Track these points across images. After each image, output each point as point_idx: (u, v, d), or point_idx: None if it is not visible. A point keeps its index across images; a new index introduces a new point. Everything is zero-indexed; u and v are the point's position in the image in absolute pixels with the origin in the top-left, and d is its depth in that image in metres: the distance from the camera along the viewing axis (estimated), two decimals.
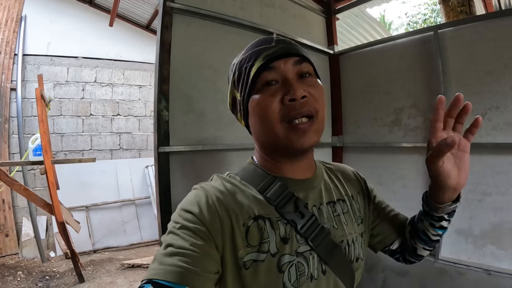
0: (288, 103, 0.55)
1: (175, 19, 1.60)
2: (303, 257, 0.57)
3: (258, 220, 0.56)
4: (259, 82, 0.57)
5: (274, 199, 0.59)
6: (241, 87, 0.60)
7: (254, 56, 0.59)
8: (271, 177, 0.62)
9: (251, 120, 0.60)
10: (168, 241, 0.51)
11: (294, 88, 0.55)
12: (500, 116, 1.70)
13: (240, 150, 1.77)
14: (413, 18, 9.29)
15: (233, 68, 0.63)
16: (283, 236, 0.57)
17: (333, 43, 2.38)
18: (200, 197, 0.56)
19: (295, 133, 0.55)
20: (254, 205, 0.58)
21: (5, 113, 4.12)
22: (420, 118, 1.97)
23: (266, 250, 0.55)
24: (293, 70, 0.57)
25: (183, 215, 0.54)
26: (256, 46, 0.60)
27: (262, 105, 0.56)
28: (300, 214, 0.59)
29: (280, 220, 0.58)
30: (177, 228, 0.52)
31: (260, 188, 0.60)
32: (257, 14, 1.94)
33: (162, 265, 0.48)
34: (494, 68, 1.71)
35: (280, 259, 0.55)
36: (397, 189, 2.07)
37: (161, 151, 1.52)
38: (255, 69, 0.57)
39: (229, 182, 0.61)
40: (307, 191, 0.64)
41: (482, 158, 1.74)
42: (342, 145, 2.36)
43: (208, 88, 1.71)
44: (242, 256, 0.53)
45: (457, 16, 2.26)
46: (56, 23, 4.58)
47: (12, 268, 3.58)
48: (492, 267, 1.68)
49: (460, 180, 0.57)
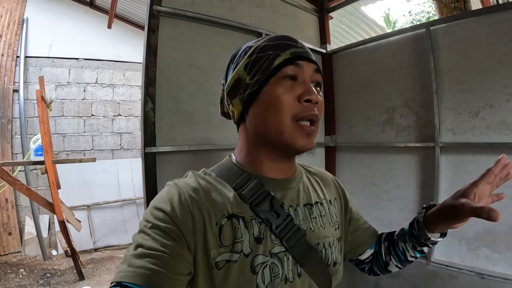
0: (303, 103, 0.56)
1: (162, 22, 1.60)
2: (277, 258, 0.56)
3: (231, 218, 0.55)
4: (280, 74, 0.57)
5: (249, 196, 0.58)
6: (256, 72, 0.58)
7: (280, 48, 0.58)
8: (247, 175, 0.61)
9: (258, 108, 0.59)
10: (139, 241, 0.51)
11: (312, 91, 0.56)
12: (493, 115, 1.66)
13: (228, 150, 1.77)
14: (417, 16, 9.14)
15: (248, 51, 0.61)
16: (257, 235, 0.56)
17: (326, 42, 2.36)
18: (172, 194, 0.55)
19: (301, 133, 0.56)
20: (228, 203, 0.57)
21: (8, 114, 4.19)
22: (412, 117, 1.94)
23: (239, 250, 0.54)
24: (312, 75, 0.59)
25: (154, 213, 0.53)
26: (282, 39, 0.60)
27: (278, 96, 0.56)
28: (275, 213, 0.58)
29: (254, 219, 0.57)
30: (148, 228, 0.52)
31: (236, 186, 0.59)
32: (246, 15, 1.93)
33: (131, 267, 0.48)
34: (487, 65, 1.67)
35: (254, 260, 0.54)
36: (389, 189, 2.05)
37: (147, 151, 1.53)
38: (281, 59, 0.57)
39: (203, 179, 0.60)
40: (284, 191, 0.63)
41: (475, 158, 1.70)
42: (335, 145, 2.34)
43: (196, 89, 1.71)
44: (215, 256, 0.52)
45: (451, 12, 2.21)
46: (58, 25, 4.64)
47: (14, 265, 3.65)
48: (485, 270, 1.64)
49: (462, 225, 0.60)
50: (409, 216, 1.88)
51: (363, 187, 2.16)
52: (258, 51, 0.60)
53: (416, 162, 1.92)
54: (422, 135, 1.89)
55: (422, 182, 1.90)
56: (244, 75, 0.60)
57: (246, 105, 0.60)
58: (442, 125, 1.80)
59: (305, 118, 0.56)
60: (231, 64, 0.65)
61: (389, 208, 2.03)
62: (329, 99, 2.33)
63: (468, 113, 1.74)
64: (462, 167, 1.75)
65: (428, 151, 1.85)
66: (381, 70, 2.08)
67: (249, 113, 0.61)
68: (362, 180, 2.17)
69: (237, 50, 0.66)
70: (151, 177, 1.55)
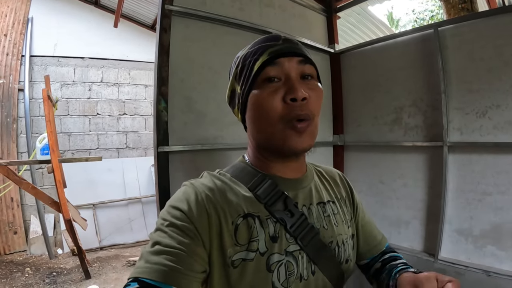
0: (289, 103, 0.54)
1: (174, 21, 1.62)
2: (292, 257, 0.57)
3: (247, 218, 0.56)
4: (261, 77, 0.56)
5: (263, 196, 0.59)
6: (243, 80, 0.59)
7: (259, 51, 0.58)
8: (261, 175, 0.62)
9: (249, 115, 0.60)
10: (156, 239, 0.52)
11: (295, 88, 0.54)
12: (500, 115, 1.67)
13: (240, 149, 1.78)
14: (420, 15, 9.15)
15: (236, 61, 0.63)
16: (273, 234, 0.56)
17: (334, 42, 2.37)
18: (189, 194, 0.56)
19: (291, 134, 0.55)
20: (243, 203, 0.58)
21: (13, 113, 4.20)
22: (420, 117, 1.95)
23: (255, 249, 0.54)
24: (297, 69, 0.57)
25: (172, 212, 0.54)
26: (263, 42, 0.60)
27: (262, 101, 0.56)
28: (289, 212, 0.59)
29: (269, 218, 0.58)
30: (165, 226, 0.53)
31: (250, 186, 0.60)
32: (256, 15, 1.95)
33: (148, 264, 0.49)
34: (494, 65, 1.68)
35: (269, 258, 0.55)
36: (397, 188, 2.07)
37: (160, 150, 1.55)
38: (259, 63, 0.57)
39: (219, 179, 0.61)
40: (296, 190, 0.64)
41: (482, 157, 1.72)
42: (343, 144, 2.36)
43: (208, 89, 1.72)
44: (231, 254, 0.53)
45: (458, 13, 2.23)
46: (63, 25, 4.65)
47: (20, 264, 3.67)
48: (492, 268, 1.65)
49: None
50: (416, 214, 1.94)
51: (371, 185, 2.19)
52: (242, 59, 0.61)
53: (424, 161, 1.94)
54: (430, 134, 1.91)
55: (429, 180, 1.92)
56: (236, 86, 0.62)
57: (242, 114, 0.62)
58: (449, 124, 1.82)
59: (294, 118, 0.55)
60: (229, 75, 0.66)
61: (397, 206, 2.05)
62: (337, 99, 2.35)
63: (476, 113, 1.76)
64: (469, 167, 1.77)
65: (435, 150, 1.87)
66: (389, 70, 2.09)
67: (246, 120, 0.62)
68: (370, 179, 2.19)
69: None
70: (164, 177, 1.56)
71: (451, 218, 1.82)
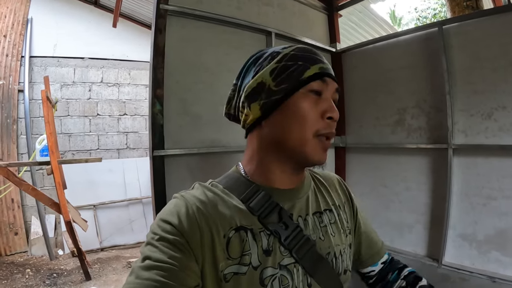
0: (326, 120, 0.57)
1: (169, 21, 1.58)
2: (287, 270, 0.56)
3: (239, 231, 0.55)
4: (308, 87, 0.57)
5: (257, 209, 0.57)
6: (284, 80, 0.57)
7: (310, 61, 0.59)
8: (255, 186, 0.60)
9: (282, 117, 0.58)
10: (146, 253, 0.51)
11: (335, 109, 0.58)
12: (506, 117, 1.63)
13: (237, 152, 1.75)
14: (423, 13, 9.05)
15: (276, 56, 0.60)
16: (266, 248, 0.55)
17: (335, 41, 2.32)
18: (180, 207, 0.55)
19: (320, 148, 0.58)
20: (236, 215, 0.56)
21: (13, 114, 4.20)
22: (424, 118, 1.91)
23: (248, 262, 0.54)
24: (333, 94, 0.61)
25: (162, 225, 0.53)
26: (311, 52, 0.61)
27: (305, 109, 0.57)
28: (284, 224, 0.58)
29: (263, 231, 0.57)
30: (155, 240, 0.52)
31: (243, 198, 0.59)
32: (254, 14, 1.90)
33: (138, 279, 0.48)
34: (500, 65, 1.63)
35: (263, 272, 0.54)
36: (400, 191, 2.02)
37: (155, 154, 1.52)
38: (311, 72, 0.57)
39: (210, 191, 0.59)
40: (292, 201, 0.62)
41: (487, 160, 1.68)
42: (345, 146, 2.31)
43: (204, 90, 1.68)
44: (223, 268, 0.52)
45: (463, 11, 2.17)
46: (62, 25, 4.64)
47: (21, 265, 3.67)
48: (496, 274, 1.61)
49: None
50: (420, 218, 1.89)
51: (374, 188, 2.14)
52: (287, 59, 0.59)
53: (428, 163, 1.89)
54: (434, 136, 1.86)
55: (433, 184, 1.88)
56: (268, 80, 0.58)
57: (266, 112, 0.59)
58: (454, 126, 1.77)
59: (326, 134, 0.58)
60: (252, 66, 0.63)
61: (399, 210, 2.01)
62: (339, 99, 2.24)
63: (481, 115, 1.71)
64: (475, 169, 1.72)
65: (440, 153, 1.82)
66: (392, 69, 2.05)
67: (268, 120, 0.59)
68: (373, 182, 2.15)
69: (260, 52, 0.64)
70: (160, 181, 1.53)
71: (455, 223, 1.78)
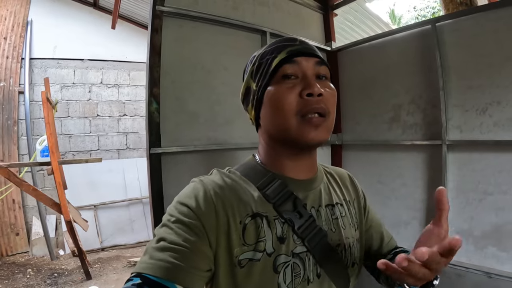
0: (305, 98, 0.56)
1: (165, 22, 1.59)
2: (299, 258, 0.57)
3: (255, 217, 0.56)
4: (278, 74, 0.58)
5: (272, 196, 0.58)
6: (259, 77, 0.61)
7: (277, 50, 0.60)
8: (271, 175, 0.61)
9: (264, 111, 0.60)
10: (161, 235, 0.51)
11: (312, 84, 0.56)
12: (501, 112, 1.63)
13: (234, 149, 1.76)
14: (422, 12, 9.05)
15: (253, 60, 0.64)
16: (280, 235, 0.56)
17: (331, 40, 2.34)
18: (198, 190, 0.56)
19: (308, 126, 0.55)
20: (252, 202, 0.57)
21: (14, 115, 4.24)
22: (419, 115, 1.91)
23: (262, 249, 0.54)
24: (313, 69, 0.59)
25: (179, 208, 0.54)
26: (280, 42, 0.62)
27: (279, 96, 0.57)
28: (298, 213, 0.59)
29: (277, 218, 0.57)
30: (171, 222, 0.52)
31: (260, 185, 0.60)
32: (250, 13, 1.91)
33: (152, 259, 0.48)
34: (495, 61, 1.63)
35: (276, 259, 0.55)
36: (396, 188, 2.03)
37: (152, 152, 1.53)
38: (277, 60, 0.58)
39: (228, 177, 0.61)
40: (306, 192, 0.63)
41: (483, 156, 1.68)
42: (341, 143, 2.32)
43: (201, 89, 1.70)
44: (238, 254, 0.53)
45: (457, 8, 2.17)
46: (62, 27, 4.66)
47: (22, 266, 3.70)
48: (493, 269, 1.61)
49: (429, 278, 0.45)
50: (416, 215, 1.90)
51: (370, 185, 2.15)
52: (260, 57, 0.62)
53: (423, 160, 1.90)
54: (429, 132, 1.87)
55: (429, 180, 1.88)
56: (251, 83, 0.63)
57: (256, 110, 0.62)
58: (449, 122, 1.77)
59: (310, 111, 0.56)
60: (244, 74, 0.67)
61: (396, 206, 2.01)
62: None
63: (476, 110, 1.71)
64: (470, 165, 1.72)
65: (435, 149, 1.83)
66: (387, 67, 2.05)
67: (260, 117, 0.62)
68: (369, 179, 2.15)
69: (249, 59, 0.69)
70: (157, 178, 1.55)
71: (451, 219, 1.77)
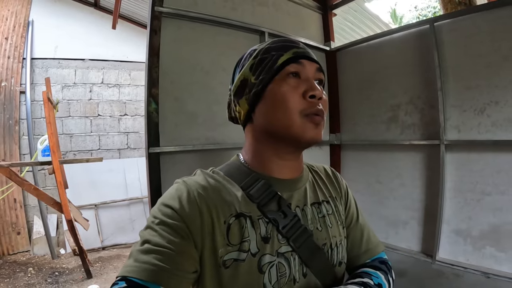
0: (308, 99, 0.57)
1: (164, 23, 1.61)
2: (284, 258, 0.56)
3: (239, 218, 0.56)
4: (284, 71, 0.59)
5: (256, 196, 0.58)
6: (261, 71, 0.60)
7: (283, 48, 0.61)
8: (255, 175, 0.61)
9: (264, 106, 0.60)
10: (146, 237, 0.51)
11: (316, 87, 0.58)
12: (499, 112, 1.63)
13: (231, 149, 1.77)
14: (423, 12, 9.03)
15: (253, 53, 0.64)
16: (264, 235, 0.56)
17: (329, 40, 2.34)
18: (181, 191, 0.56)
19: (310, 124, 0.57)
20: (236, 202, 0.57)
21: (15, 115, 4.25)
22: (417, 115, 1.92)
23: (247, 249, 0.54)
24: (314, 73, 0.61)
25: (163, 210, 0.54)
26: (285, 41, 0.63)
27: (284, 93, 0.58)
28: (282, 213, 0.59)
29: (261, 218, 0.57)
30: (155, 224, 0.52)
31: (243, 185, 0.60)
32: (249, 14, 1.92)
33: (137, 262, 0.48)
34: (492, 61, 1.64)
35: (261, 259, 0.54)
36: (395, 188, 2.03)
37: (151, 151, 1.54)
38: (284, 58, 0.59)
39: (212, 178, 0.61)
40: (291, 192, 0.63)
41: (481, 156, 1.68)
42: (340, 143, 2.33)
43: (200, 90, 1.71)
44: (222, 254, 0.53)
45: (456, 8, 2.17)
46: (63, 27, 4.67)
47: (23, 264, 3.72)
48: (491, 270, 1.61)
49: None
50: (414, 215, 1.90)
51: (369, 185, 2.15)
52: (262, 52, 0.62)
53: (421, 160, 1.90)
54: (427, 132, 1.87)
55: (427, 180, 1.88)
56: (249, 76, 0.62)
57: (252, 105, 0.62)
58: (447, 122, 1.78)
59: (311, 113, 0.58)
60: (237, 67, 0.67)
61: (394, 206, 2.02)
62: (334, 97, 2.32)
63: (474, 110, 1.71)
64: (468, 165, 1.72)
65: (433, 149, 1.83)
66: (386, 67, 2.06)
67: (255, 112, 0.62)
68: (367, 178, 2.16)
69: (242, 54, 0.68)
70: (155, 177, 1.56)
71: (449, 219, 1.78)
